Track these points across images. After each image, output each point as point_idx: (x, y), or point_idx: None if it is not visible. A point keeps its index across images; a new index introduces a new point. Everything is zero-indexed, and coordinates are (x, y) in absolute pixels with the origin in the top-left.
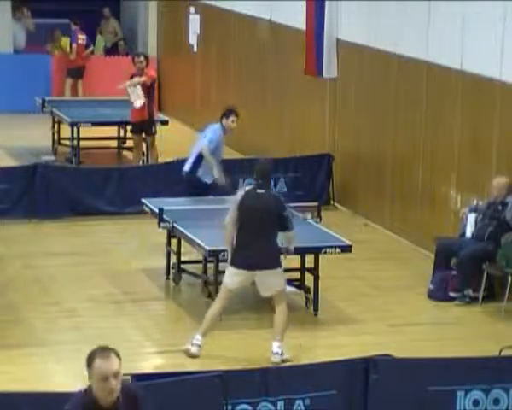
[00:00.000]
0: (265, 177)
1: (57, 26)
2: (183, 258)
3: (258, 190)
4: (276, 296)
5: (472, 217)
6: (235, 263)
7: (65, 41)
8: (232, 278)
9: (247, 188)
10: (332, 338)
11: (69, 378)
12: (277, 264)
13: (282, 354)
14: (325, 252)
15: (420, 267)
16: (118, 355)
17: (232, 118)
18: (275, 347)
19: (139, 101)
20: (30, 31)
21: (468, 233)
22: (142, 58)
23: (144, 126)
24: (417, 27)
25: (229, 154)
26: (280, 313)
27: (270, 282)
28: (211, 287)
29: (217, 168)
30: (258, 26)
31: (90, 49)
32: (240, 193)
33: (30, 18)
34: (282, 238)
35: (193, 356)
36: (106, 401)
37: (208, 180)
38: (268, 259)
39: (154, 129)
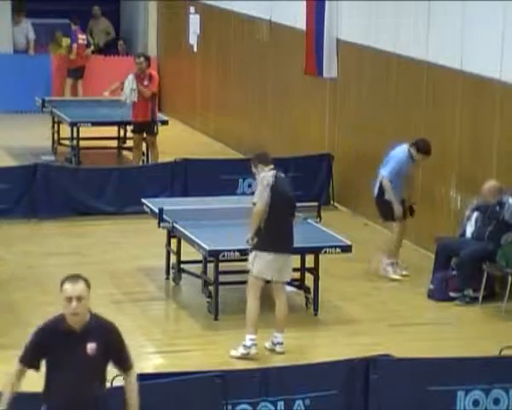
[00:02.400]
0: (272, 161)
1: (57, 25)
2: (183, 258)
3: (280, 173)
4: (283, 286)
5: (473, 216)
6: (271, 248)
7: (65, 41)
8: (268, 265)
9: (272, 171)
10: (332, 338)
11: None
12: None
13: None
14: (325, 252)
15: (420, 267)
16: (87, 284)
17: (423, 156)
18: (279, 338)
19: (129, 100)
20: (29, 36)
21: (468, 233)
22: (141, 59)
23: (146, 127)
24: (417, 27)
25: (229, 154)
26: (284, 304)
27: (290, 267)
28: (211, 287)
29: (396, 202)
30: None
31: (91, 48)
32: (268, 176)
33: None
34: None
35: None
36: (71, 321)
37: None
38: (292, 243)
39: (155, 129)
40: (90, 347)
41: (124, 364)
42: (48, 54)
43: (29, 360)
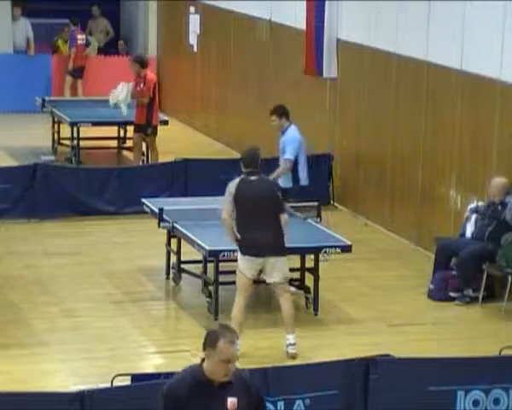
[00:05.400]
0: (255, 163)
1: (57, 25)
2: (183, 258)
3: (252, 177)
4: (282, 285)
5: (473, 217)
6: (245, 251)
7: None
8: (245, 264)
9: (239, 178)
10: (332, 338)
11: (69, 378)
12: (284, 251)
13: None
14: (325, 252)
15: (420, 267)
16: (238, 337)
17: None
18: (291, 339)
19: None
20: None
21: (468, 233)
22: (134, 63)
23: (141, 128)
24: (417, 27)
25: (229, 154)
26: (287, 304)
27: (279, 268)
28: (211, 287)
29: None
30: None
31: (90, 47)
32: (232, 185)
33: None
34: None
35: None
36: (219, 379)
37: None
38: (276, 245)
39: (149, 131)
40: (231, 402)
41: None
42: (48, 54)
43: None
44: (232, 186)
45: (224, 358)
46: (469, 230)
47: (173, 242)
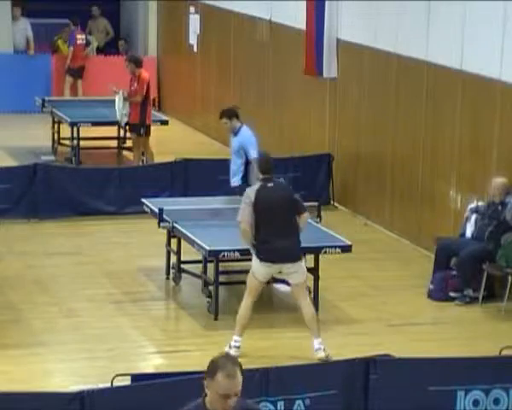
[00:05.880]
0: (271, 169)
1: (57, 25)
2: (183, 258)
3: (269, 184)
4: (301, 289)
5: (473, 217)
6: (263, 258)
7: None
8: (261, 269)
9: (257, 185)
10: (332, 338)
11: (69, 378)
12: (301, 255)
13: (324, 349)
14: (325, 252)
15: (420, 267)
16: (241, 370)
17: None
18: (316, 343)
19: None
20: (28, 35)
21: (468, 233)
22: (129, 63)
23: (134, 128)
24: (417, 27)
25: (229, 154)
26: (309, 309)
27: (295, 272)
28: (211, 287)
29: None
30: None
31: (90, 46)
32: (251, 192)
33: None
34: None
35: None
36: None
37: None
38: (293, 251)
39: (142, 131)
40: None
41: None
42: (48, 54)
43: None
44: (251, 193)
45: (221, 392)
46: (469, 230)
47: (173, 242)
